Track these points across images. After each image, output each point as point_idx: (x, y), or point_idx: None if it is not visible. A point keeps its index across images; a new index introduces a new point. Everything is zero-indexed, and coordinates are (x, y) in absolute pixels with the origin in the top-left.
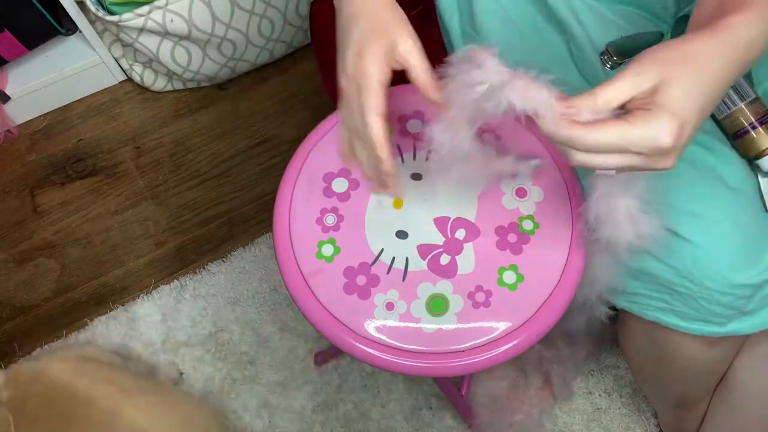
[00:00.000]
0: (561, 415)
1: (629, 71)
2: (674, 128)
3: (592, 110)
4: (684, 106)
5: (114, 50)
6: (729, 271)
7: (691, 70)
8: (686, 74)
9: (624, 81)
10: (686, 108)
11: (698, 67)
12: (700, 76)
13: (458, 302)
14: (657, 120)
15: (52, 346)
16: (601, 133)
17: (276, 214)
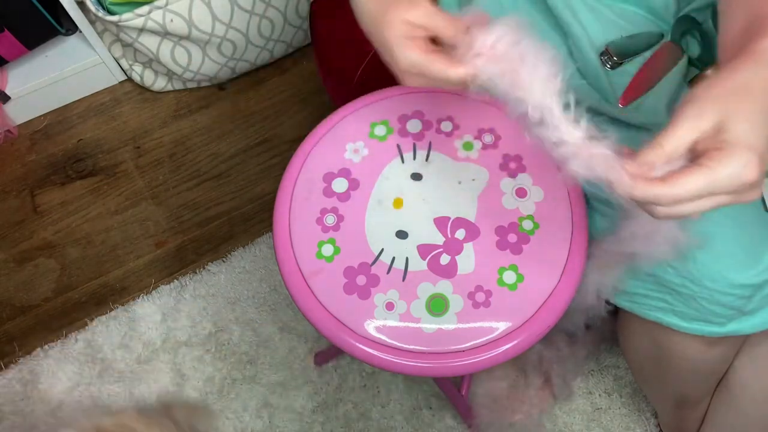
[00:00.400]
0: (561, 415)
1: (688, 113)
2: (754, 161)
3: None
4: (755, 137)
5: (114, 50)
6: (729, 271)
7: (749, 101)
8: (746, 106)
9: (686, 124)
10: (757, 139)
11: (755, 97)
12: (759, 106)
13: (458, 302)
14: (736, 157)
15: (52, 346)
16: (685, 184)
17: (276, 214)
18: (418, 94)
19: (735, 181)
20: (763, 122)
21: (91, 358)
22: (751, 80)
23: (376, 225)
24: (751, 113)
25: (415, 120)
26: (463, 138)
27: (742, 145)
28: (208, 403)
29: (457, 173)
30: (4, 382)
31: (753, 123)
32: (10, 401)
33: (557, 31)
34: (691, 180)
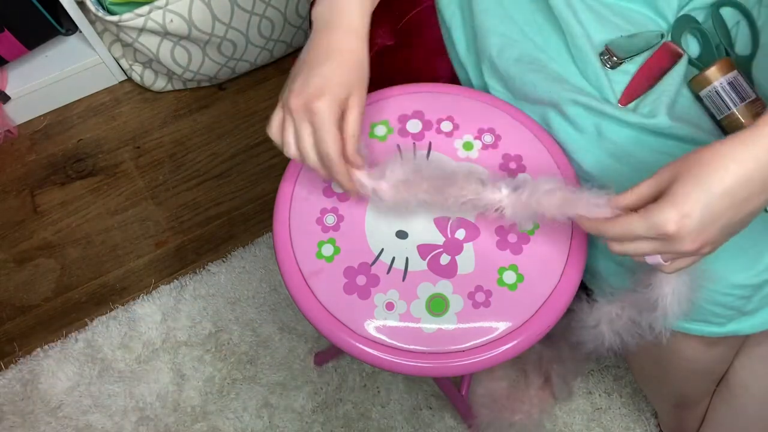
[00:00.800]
0: (561, 415)
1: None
2: (673, 217)
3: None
4: (685, 199)
5: (114, 50)
6: (729, 272)
7: (698, 167)
8: (693, 171)
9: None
10: (688, 201)
11: (707, 165)
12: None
13: (458, 302)
14: (659, 210)
15: (52, 346)
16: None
17: (276, 214)
18: (418, 94)
19: (655, 230)
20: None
21: (91, 358)
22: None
23: (376, 225)
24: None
25: (415, 120)
26: (463, 138)
27: (670, 201)
28: (208, 402)
29: None
30: (4, 382)
31: (691, 186)
32: (10, 401)
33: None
34: (625, 221)
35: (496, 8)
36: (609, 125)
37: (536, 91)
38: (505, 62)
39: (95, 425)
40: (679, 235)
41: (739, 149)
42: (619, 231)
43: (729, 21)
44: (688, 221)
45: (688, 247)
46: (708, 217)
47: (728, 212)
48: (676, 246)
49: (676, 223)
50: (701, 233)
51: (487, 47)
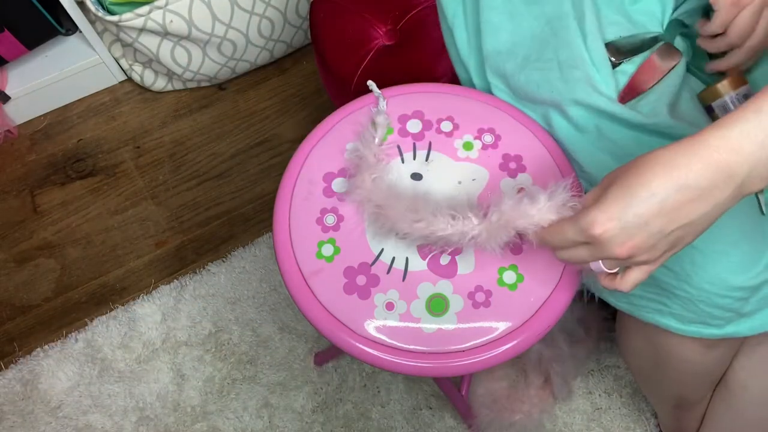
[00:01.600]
0: (561, 415)
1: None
2: (598, 220)
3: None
4: (611, 202)
5: (114, 50)
6: (727, 274)
7: (627, 174)
8: (624, 176)
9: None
10: (613, 204)
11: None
12: (634, 178)
13: (458, 302)
14: (586, 213)
15: (52, 346)
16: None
17: (276, 214)
18: (418, 94)
19: (582, 233)
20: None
21: (91, 358)
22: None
23: (376, 225)
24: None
25: (415, 120)
26: (463, 138)
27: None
28: (208, 402)
29: (457, 173)
30: (4, 382)
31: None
32: (10, 401)
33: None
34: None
35: (504, 6)
36: (610, 125)
37: (539, 91)
38: (511, 60)
39: (95, 425)
40: (604, 238)
41: (671, 156)
42: (555, 237)
43: None
44: (611, 224)
45: (618, 252)
46: (633, 222)
47: (658, 219)
48: (606, 250)
49: (601, 225)
50: (629, 238)
51: (493, 45)
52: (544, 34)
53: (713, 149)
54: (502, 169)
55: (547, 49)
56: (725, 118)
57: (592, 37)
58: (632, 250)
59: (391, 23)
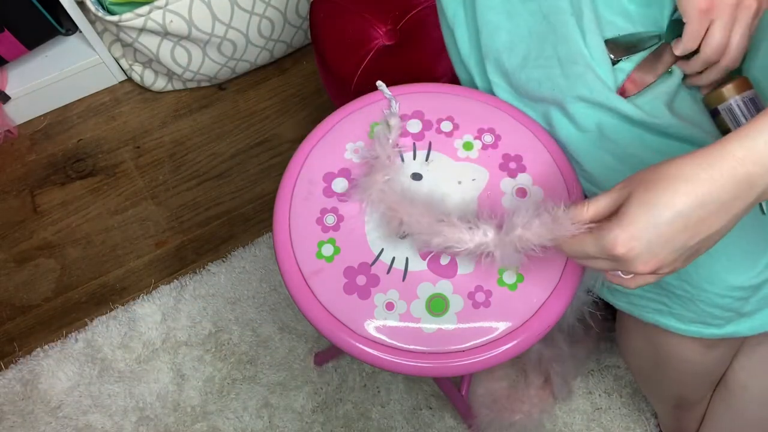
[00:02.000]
0: (561, 415)
1: (617, 185)
2: (621, 239)
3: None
4: (634, 220)
5: (114, 50)
6: (727, 274)
7: (649, 187)
8: (643, 191)
9: (610, 194)
10: (636, 222)
11: (658, 186)
12: (655, 195)
13: (458, 302)
14: (608, 231)
15: (52, 346)
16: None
17: (276, 214)
18: (418, 94)
19: (605, 251)
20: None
21: (91, 358)
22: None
23: (376, 225)
24: (643, 198)
25: (415, 120)
26: (463, 138)
27: (619, 223)
28: (208, 402)
29: (457, 173)
30: (4, 382)
31: (639, 207)
32: (10, 401)
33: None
34: (578, 240)
35: (502, 5)
36: (611, 123)
37: (540, 89)
38: (511, 59)
39: (95, 425)
40: (628, 257)
41: (693, 170)
42: (575, 250)
43: None
44: (636, 244)
45: (642, 269)
46: (657, 240)
47: (681, 235)
48: (629, 267)
49: (624, 245)
50: (653, 256)
51: (493, 44)
52: (543, 31)
53: (738, 161)
54: (502, 169)
55: (547, 45)
56: (750, 126)
57: (591, 34)
58: (656, 266)
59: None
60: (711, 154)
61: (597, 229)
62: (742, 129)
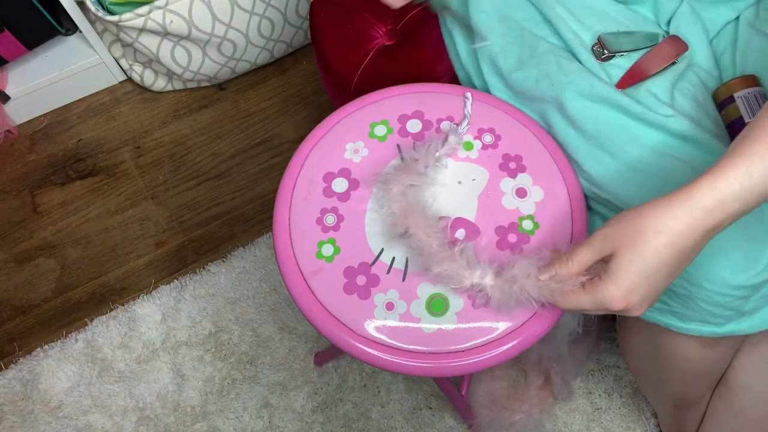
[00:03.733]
0: (561, 415)
1: (597, 237)
2: (618, 296)
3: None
4: (627, 276)
5: (114, 50)
6: (727, 272)
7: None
8: (628, 249)
9: (592, 246)
10: (629, 278)
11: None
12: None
13: (458, 302)
14: (604, 290)
15: (52, 346)
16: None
17: (276, 214)
18: (418, 94)
19: (601, 307)
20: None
21: (91, 358)
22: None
23: (376, 225)
24: (631, 255)
25: (415, 120)
26: (463, 138)
27: (613, 280)
28: (208, 402)
29: (457, 173)
30: (4, 382)
31: (630, 263)
32: (10, 401)
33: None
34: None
35: (492, 9)
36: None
37: (537, 87)
38: (506, 61)
39: (95, 425)
40: (627, 309)
41: (671, 222)
42: (571, 304)
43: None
44: (633, 297)
45: (637, 313)
46: (649, 289)
47: (667, 280)
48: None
49: (622, 301)
50: (647, 303)
51: (486, 48)
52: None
53: (708, 213)
54: (502, 169)
55: (541, 42)
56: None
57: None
58: (648, 307)
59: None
60: (686, 204)
61: (591, 287)
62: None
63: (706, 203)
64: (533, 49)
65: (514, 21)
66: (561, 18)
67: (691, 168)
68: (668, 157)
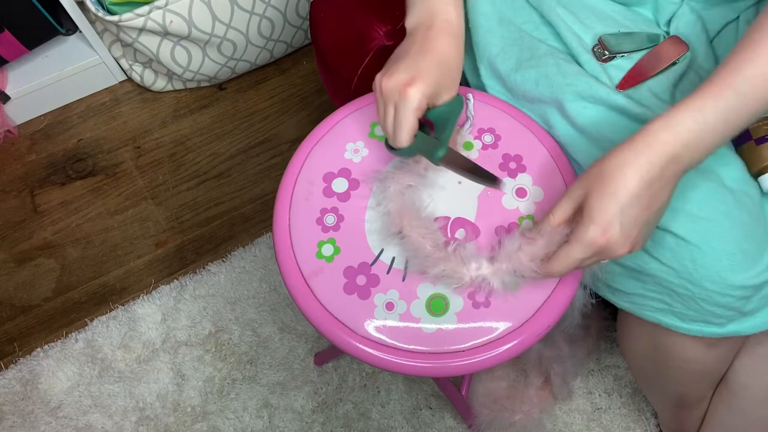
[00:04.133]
0: (561, 415)
1: (571, 188)
2: (598, 231)
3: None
4: (600, 211)
5: (114, 50)
6: (728, 272)
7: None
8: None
9: (566, 199)
10: (603, 212)
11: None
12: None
13: (458, 302)
14: (584, 230)
15: (52, 346)
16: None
17: (276, 214)
18: None
19: (590, 248)
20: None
21: (91, 358)
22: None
23: (376, 225)
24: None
25: None
26: (463, 138)
27: (590, 218)
28: (208, 402)
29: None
30: (4, 382)
31: (601, 199)
32: (10, 401)
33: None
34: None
35: (491, 11)
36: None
37: (537, 88)
38: (505, 63)
39: (95, 425)
40: (609, 245)
41: (634, 157)
42: (564, 263)
43: None
44: (612, 230)
45: (622, 251)
46: (627, 222)
47: (643, 213)
48: (611, 254)
49: (602, 236)
50: (628, 237)
51: (486, 49)
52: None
53: (666, 145)
54: (502, 169)
55: (541, 45)
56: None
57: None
58: (632, 246)
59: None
60: (644, 140)
61: (573, 235)
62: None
63: (662, 136)
64: (532, 52)
65: (513, 24)
66: (561, 19)
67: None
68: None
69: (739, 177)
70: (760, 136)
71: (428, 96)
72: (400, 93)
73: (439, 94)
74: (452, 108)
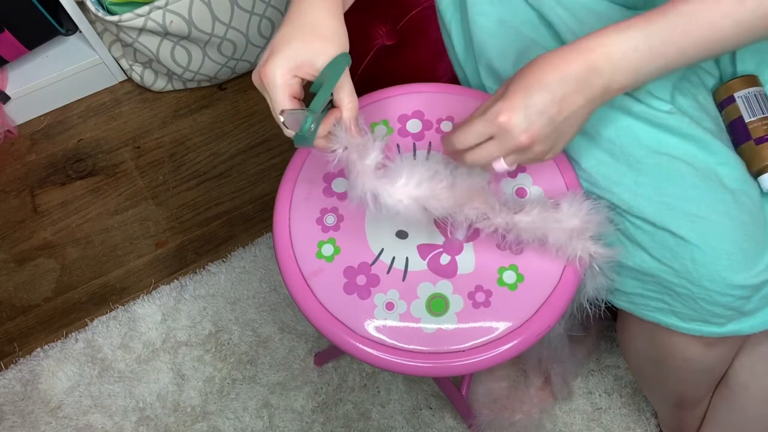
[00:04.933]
0: (561, 415)
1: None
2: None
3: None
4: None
5: (114, 50)
6: (727, 272)
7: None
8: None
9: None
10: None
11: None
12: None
13: (458, 302)
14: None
15: (52, 346)
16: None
17: (276, 214)
18: (419, 94)
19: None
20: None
21: (91, 358)
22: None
23: (376, 225)
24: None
25: (415, 120)
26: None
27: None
28: (208, 402)
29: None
30: (4, 382)
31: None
32: (10, 401)
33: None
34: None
35: (491, 11)
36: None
37: None
38: (504, 63)
39: (95, 425)
40: (510, 125)
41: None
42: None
43: None
44: (515, 113)
45: (522, 139)
46: (532, 109)
47: (551, 108)
48: (511, 139)
49: (506, 114)
50: (530, 125)
51: (484, 50)
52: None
53: (589, 51)
54: None
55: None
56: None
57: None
58: (533, 137)
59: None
60: (572, 45)
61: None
62: (604, 29)
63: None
64: (530, 53)
65: (512, 25)
66: (561, 19)
67: (691, 167)
68: (668, 156)
69: (738, 177)
70: (760, 136)
71: (292, 68)
72: (261, 77)
73: (311, 61)
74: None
